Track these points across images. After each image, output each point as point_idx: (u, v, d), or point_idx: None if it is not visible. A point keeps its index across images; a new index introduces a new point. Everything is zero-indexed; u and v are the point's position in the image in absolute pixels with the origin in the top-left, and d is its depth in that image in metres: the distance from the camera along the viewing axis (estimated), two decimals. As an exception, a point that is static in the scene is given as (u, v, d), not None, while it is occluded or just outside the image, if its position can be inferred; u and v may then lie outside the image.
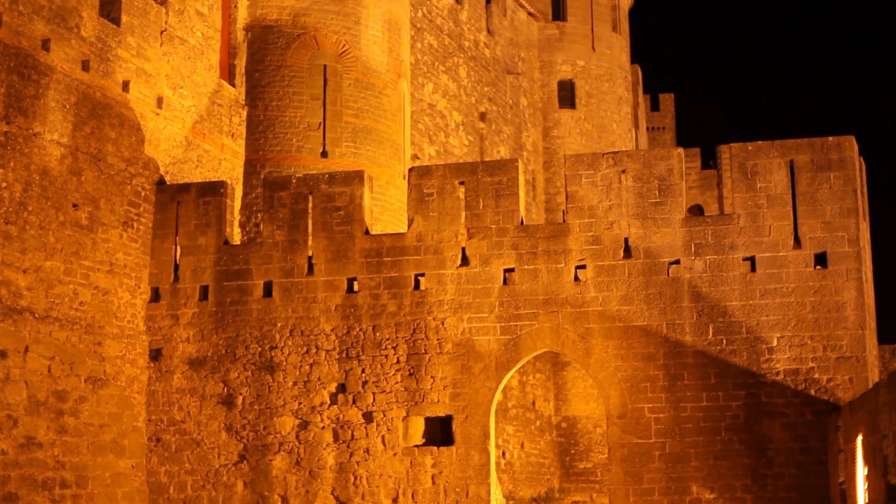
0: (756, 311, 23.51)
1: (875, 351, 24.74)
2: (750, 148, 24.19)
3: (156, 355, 25.83)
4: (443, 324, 24.73)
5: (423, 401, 24.60)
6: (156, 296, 26.05)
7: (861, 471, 19.93)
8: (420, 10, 39.97)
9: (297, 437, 25.03)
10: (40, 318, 22.57)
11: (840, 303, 23.27)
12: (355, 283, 25.31)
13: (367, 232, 25.49)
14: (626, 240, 24.31)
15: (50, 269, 22.96)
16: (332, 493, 24.69)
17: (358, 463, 24.68)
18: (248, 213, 29.51)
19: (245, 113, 30.26)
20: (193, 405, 25.60)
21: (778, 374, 23.28)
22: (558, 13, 51.16)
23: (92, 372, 23.91)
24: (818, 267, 23.47)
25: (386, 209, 30.74)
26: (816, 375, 23.15)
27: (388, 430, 24.63)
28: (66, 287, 23.38)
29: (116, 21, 25.38)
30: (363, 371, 24.91)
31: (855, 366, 23.05)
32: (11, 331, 21.79)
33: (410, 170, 25.92)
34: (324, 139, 30.73)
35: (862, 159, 24.53)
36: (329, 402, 25.01)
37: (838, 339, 23.16)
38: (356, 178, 25.76)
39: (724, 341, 23.56)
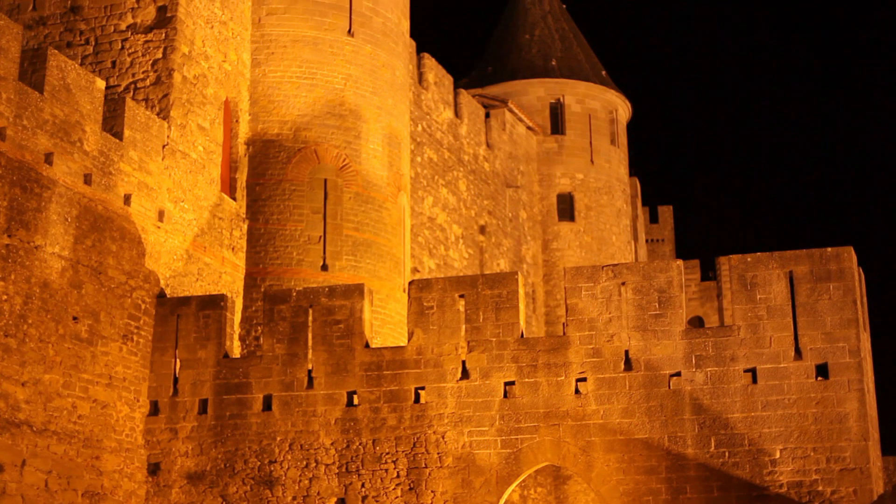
0: (758, 422, 23.37)
1: (879, 462, 24.54)
2: (749, 259, 24.24)
3: (154, 469, 25.62)
4: (443, 437, 24.58)
5: (423, 515, 24.36)
6: (155, 409, 25.92)
7: (867, 585, 19.68)
8: (420, 125, 40.36)
9: (295, 552, 24.74)
10: (38, 431, 22.44)
11: (842, 414, 23.14)
12: (355, 397, 25.21)
13: (367, 345, 25.44)
14: (627, 352, 24.26)
15: (49, 382, 22.88)
16: None
17: (357, 579, 24.36)
18: (249, 327, 29.48)
19: (246, 226, 30.40)
20: (191, 520, 25.34)
21: (781, 486, 23.07)
22: (557, 127, 51.67)
23: (89, 486, 23.69)
24: (819, 378, 23.39)
25: (386, 322, 30.72)
26: (820, 488, 22.93)
27: (388, 545, 24.35)
28: (65, 400, 23.29)
29: (119, 135, 25.62)
30: (363, 485, 24.69)
31: (859, 478, 22.84)
32: (9, 444, 21.65)
33: (410, 283, 25.96)
34: (324, 252, 30.82)
35: (861, 270, 24.58)
36: (328, 516, 24.76)
37: (841, 451, 22.99)
38: (356, 291, 25.78)
39: (727, 454, 23.39)
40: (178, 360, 26.12)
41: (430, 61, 42.41)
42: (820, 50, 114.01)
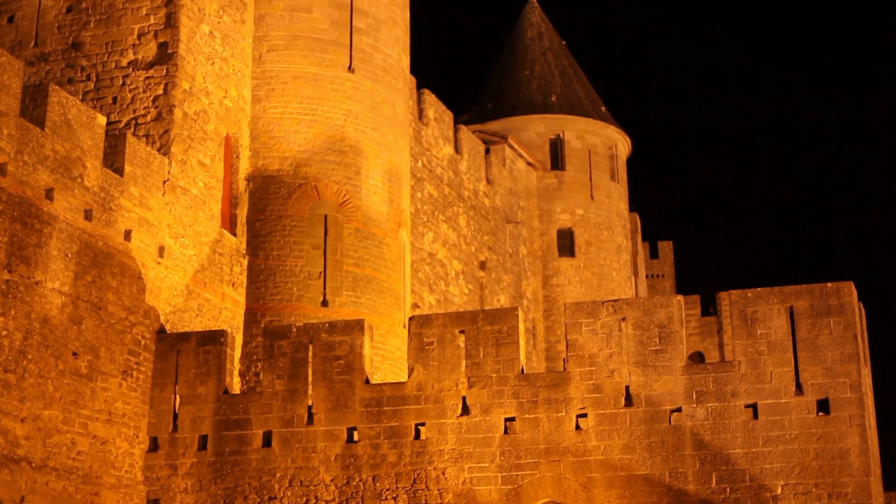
0: (759, 458, 23.30)
1: (881, 498, 24.42)
2: (749, 295, 24.22)
3: (153, 506, 25.52)
4: (443, 474, 24.49)
5: (423, 552, 24.25)
6: (154, 445, 25.84)
7: None
8: (420, 161, 40.44)
9: (295, 589, 24.62)
10: (37, 467, 22.37)
11: (844, 449, 23.07)
12: (355, 433, 25.13)
13: (367, 381, 25.39)
14: (627, 388, 24.21)
15: (48, 418, 22.83)
16: None
17: None
18: (248, 362, 29.43)
19: (246, 262, 30.40)
20: (190, 557, 25.22)
21: (783, 523, 22.96)
22: (557, 163, 51.80)
23: (88, 523, 23.61)
24: (821, 413, 23.33)
25: (386, 358, 30.67)
26: (822, 524, 22.83)
27: (389, 582, 24.24)
28: (65, 436, 23.22)
29: (119, 171, 25.67)
30: (363, 522, 24.60)
31: (861, 514, 22.75)
32: (8, 480, 21.57)
33: (411, 319, 25.93)
34: (324, 288, 30.81)
35: (861, 304, 24.56)
36: (328, 553, 24.64)
37: (843, 487, 22.89)
38: (356, 327, 25.75)
39: (728, 490, 23.29)
40: (177, 396, 26.07)
41: (430, 97, 42.54)
42: (820, 84, 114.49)
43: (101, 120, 25.37)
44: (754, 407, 23.59)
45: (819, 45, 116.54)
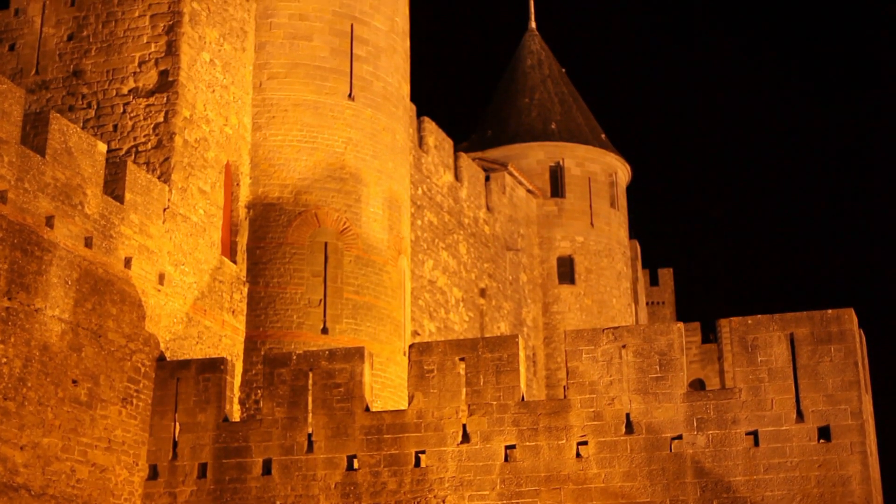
0: (760, 486, 23.24)
1: (883, 526, 24.40)
2: (750, 322, 24.21)
3: (152, 534, 25.43)
4: (444, 501, 24.43)
5: (423, 580, 24.16)
6: (154, 473, 25.77)
7: None
8: (420, 188, 40.48)
9: None
10: (36, 495, 22.31)
11: (845, 477, 23.01)
12: (355, 461, 25.07)
13: (367, 409, 25.35)
14: (628, 415, 24.17)
15: (48, 445, 22.78)
16: None
17: None
18: (248, 390, 29.39)
19: (246, 289, 30.39)
20: (190, 586, 25.11)
21: (784, 551, 22.88)
22: (557, 190, 51.87)
23: (87, 551, 23.53)
24: (822, 440, 23.29)
25: (386, 386, 30.62)
26: (824, 552, 22.75)
27: None
28: (64, 464, 23.17)
29: (120, 199, 25.69)
30: (363, 550, 24.52)
31: (862, 541, 22.68)
32: (7, 509, 21.53)
33: (411, 346, 25.90)
34: (324, 316, 30.78)
35: (862, 331, 24.54)
36: (328, 582, 24.55)
37: (845, 515, 22.83)
38: (356, 354, 25.72)
39: (729, 517, 23.22)
40: (177, 424, 26.01)
41: (430, 125, 42.63)
42: (818, 111, 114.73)
43: (102, 147, 25.41)
44: (755, 434, 23.55)
45: (819, 74, 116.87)
